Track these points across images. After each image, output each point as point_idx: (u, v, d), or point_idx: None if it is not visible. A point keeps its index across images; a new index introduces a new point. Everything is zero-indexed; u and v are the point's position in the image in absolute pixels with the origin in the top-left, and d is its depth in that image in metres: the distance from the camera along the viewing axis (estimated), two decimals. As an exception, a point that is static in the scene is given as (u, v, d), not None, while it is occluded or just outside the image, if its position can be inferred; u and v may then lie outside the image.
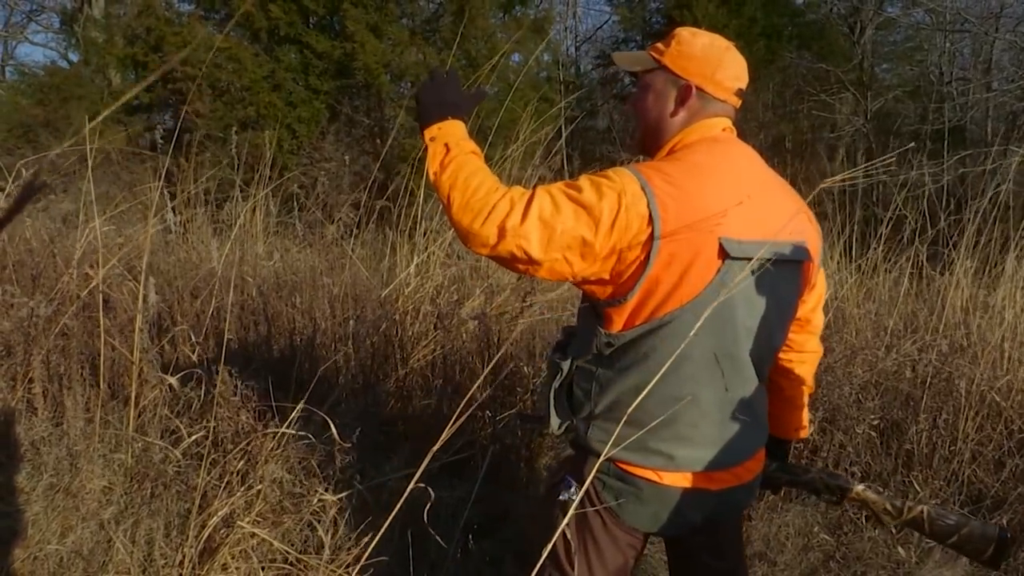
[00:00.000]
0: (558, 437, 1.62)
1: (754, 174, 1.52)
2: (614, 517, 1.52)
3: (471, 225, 1.39)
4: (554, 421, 1.58)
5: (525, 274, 1.44)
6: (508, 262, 1.43)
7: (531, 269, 1.43)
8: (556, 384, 1.58)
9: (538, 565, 1.42)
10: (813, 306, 1.71)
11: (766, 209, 1.48)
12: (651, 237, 1.38)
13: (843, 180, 1.40)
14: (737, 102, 1.58)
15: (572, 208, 1.38)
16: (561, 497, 1.53)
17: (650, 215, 1.37)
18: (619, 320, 1.46)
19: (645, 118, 1.59)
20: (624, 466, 1.49)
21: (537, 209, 1.37)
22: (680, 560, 1.73)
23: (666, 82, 1.56)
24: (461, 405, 1.47)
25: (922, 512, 1.65)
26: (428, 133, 1.51)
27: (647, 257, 1.39)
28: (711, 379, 1.47)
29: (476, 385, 2.70)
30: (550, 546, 1.52)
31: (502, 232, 1.37)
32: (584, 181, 1.42)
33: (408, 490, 1.47)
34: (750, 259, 1.42)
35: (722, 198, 1.42)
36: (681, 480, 1.49)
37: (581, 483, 1.51)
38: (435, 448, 1.34)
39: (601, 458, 1.38)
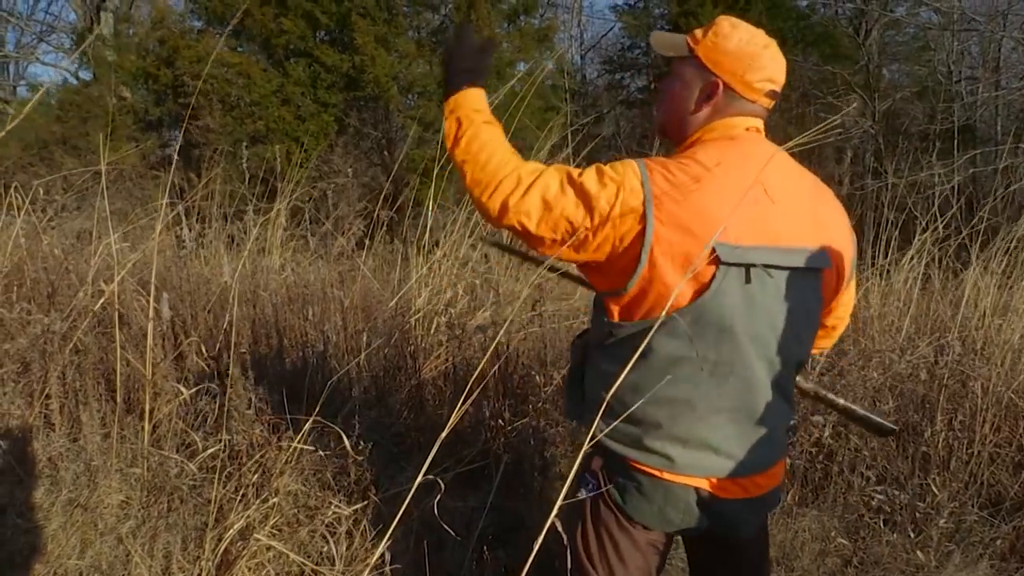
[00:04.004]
0: (574, 425, 1.64)
1: (773, 177, 1.44)
2: (624, 514, 1.50)
3: (479, 197, 1.45)
4: (570, 407, 1.63)
5: (533, 249, 1.50)
6: (516, 235, 1.48)
7: (531, 244, 1.47)
8: (572, 368, 1.61)
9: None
10: (841, 315, 1.68)
11: (780, 214, 1.43)
12: (642, 233, 1.37)
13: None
14: (769, 103, 1.53)
15: (573, 193, 1.41)
16: (579, 495, 1.52)
17: (643, 212, 1.36)
18: (616, 311, 1.46)
19: (670, 106, 1.57)
20: (630, 462, 1.48)
21: (541, 188, 1.41)
22: (698, 573, 1.72)
23: (695, 74, 1.51)
24: (456, 408, 1.48)
25: (838, 404, 1.81)
26: (446, 107, 1.55)
27: (639, 254, 1.37)
28: (709, 385, 1.43)
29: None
30: (574, 544, 1.54)
31: (504, 207, 1.42)
32: (591, 169, 1.44)
33: (417, 484, 1.47)
34: (751, 265, 1.38)
35: (724, 201, 1.38)
36: (684, 480, 1.46)
37: (595, 479, 1.51)
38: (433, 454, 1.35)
39: (579, 449, 1.39)
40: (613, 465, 1.50)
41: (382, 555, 2.28)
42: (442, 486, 1.77)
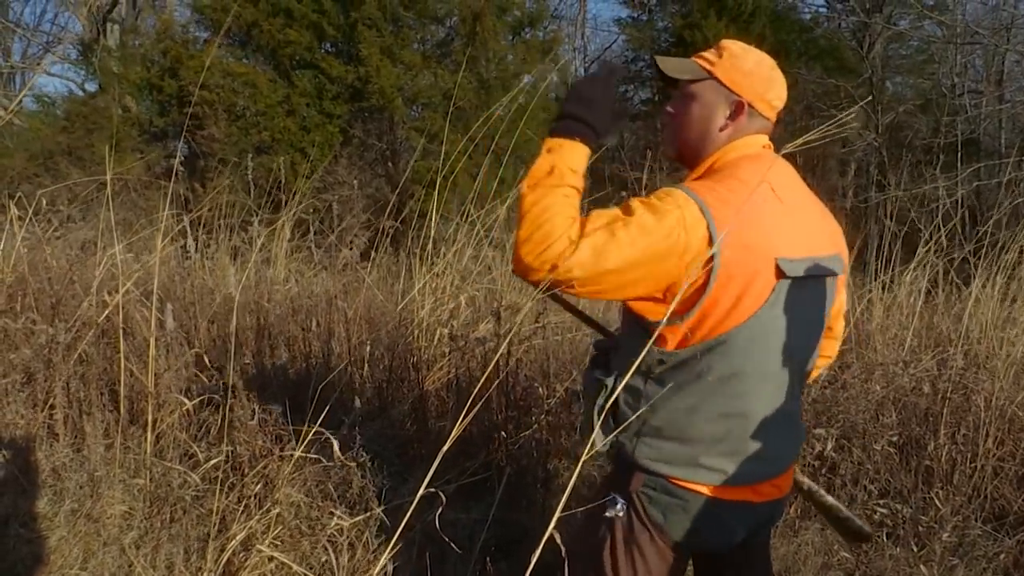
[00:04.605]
0: (602, 455, 1.60)
1: (795, 191, 1.54)
2: (661, 532, 1.51)
3: (525, 256, 1.37)
4: (599, 438, 1.54)
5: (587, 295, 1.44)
6: (561, 288, 1.41)
7: (584, 294, 1.41)
8: (601, 402, 1.55)
9: None
10: (836, 314, 1.73)
11: (809, 225, 1.51)
12: (711, 258, 1.37)
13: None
14: (774, 119, 1.59)
15: (628, 234, 1.36)
16: (608, 514, 1.53)
17: (710, 236, 1.37)
18: (673, 340, 1.45)
19: (687, 128, 1.56)
20: (674, 481, 1.49)
21: (590, 241, 1.35)
22: None
23: (716, 95, 1.53)
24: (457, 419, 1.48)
25: (828, 502, 1.81)
26: (548, 143, 1.46)
27: (707, 279, 1.38)
28: (761, 394, 1.48)
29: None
30: (599, 563, 1.53)
31: (553, 268, 1.35)
32: (639, 205, 1.40)
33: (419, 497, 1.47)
34: (801, 276, 1.45)
35: (774, 215, 1.45)
36: (730, 493, 1.50)
37: (627, 499, 1.51)
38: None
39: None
40: (656, 485, 1.50)
41: (384, 567, 2.28)
42: (443, 498, 1.77)
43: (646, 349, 1.43)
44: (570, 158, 1.44)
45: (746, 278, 1.40)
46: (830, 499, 1.81)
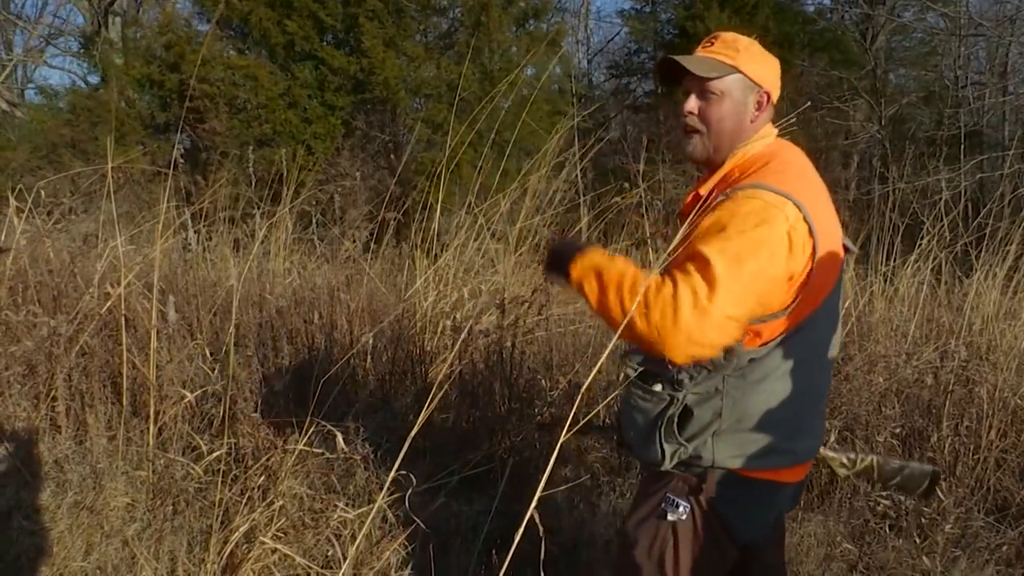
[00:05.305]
0: (669, 468, 1.52)
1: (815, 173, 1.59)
2: (726, 529, 1.52)
3: (662, 328, 1.34)
4: (668, 452, 1.49)
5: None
6: (716, 339, 1.36)
7: (737, 328, 1.39)
8: (671, 412, 1.48)
9: None
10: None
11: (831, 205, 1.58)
12: (814, 247, 1.42)
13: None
14: None
15: (751, 252, 1.36)
16: (670, 517, 1.51)
17: (809, 228, 1.41)
18: (767, 333, 1.45)
19: (721, 125, 1.54)
20: (747, 473, 1.49)
21: (718, 275, 1.33)
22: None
23: (744, 89, 1.54)
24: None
25: (872, 462, 1.79)
26: (573, 272, 1.47)
27: (811, 267, 1.42)
28: (820, 370, 1.55)
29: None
30: (660, 568, 1.54)
31: (703, 313, 1.32)
32: (728, 215, 1.40)
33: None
34: (848, 253, 1.55)
35: (824, 199, 1.51)
36: (792, 475, 1.55)
37: (692, 501, 1.51)
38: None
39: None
40: (728, 481, 1.50)
41: (388, 559, 2.29)
42: (413, 479, 1.77)
43: (727, 349, 1.42)
44: (594, 259, 1.46)
45: (830, 260, 1.45)
46: (871, 457, 1.79)
